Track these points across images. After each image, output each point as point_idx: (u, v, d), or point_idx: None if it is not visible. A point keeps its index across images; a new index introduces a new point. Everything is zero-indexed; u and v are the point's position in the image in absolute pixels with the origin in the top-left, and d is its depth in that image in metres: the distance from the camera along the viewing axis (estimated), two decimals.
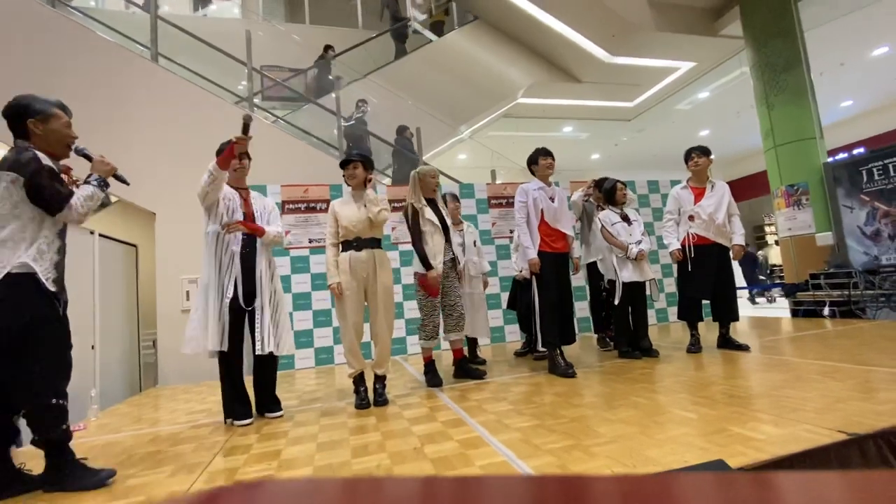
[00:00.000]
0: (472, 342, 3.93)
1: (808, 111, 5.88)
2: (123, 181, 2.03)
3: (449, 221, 3.20)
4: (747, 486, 0.26)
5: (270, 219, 2.75)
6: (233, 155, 2.44)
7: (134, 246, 4.92)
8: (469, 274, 3.74)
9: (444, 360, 4.01)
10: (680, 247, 3.49)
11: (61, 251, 1.82)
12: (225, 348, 2.48)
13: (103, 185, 1.89)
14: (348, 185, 2.83)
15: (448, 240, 3.12)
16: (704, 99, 9.67)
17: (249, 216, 2.64)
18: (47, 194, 1.72)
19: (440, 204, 3.20)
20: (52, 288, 1.73)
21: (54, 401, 1.69)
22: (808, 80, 5.97)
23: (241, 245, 2.55)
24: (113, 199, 2.27)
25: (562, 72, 8.70)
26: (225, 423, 2.59)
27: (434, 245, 3.01)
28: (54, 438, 1.72)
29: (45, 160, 1.76)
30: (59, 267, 1.80)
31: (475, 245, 3.93)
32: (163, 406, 3.31)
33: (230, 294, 2.49)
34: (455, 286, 3.17)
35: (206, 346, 2.45)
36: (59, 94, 2.01)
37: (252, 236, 2.60)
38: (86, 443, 2.38)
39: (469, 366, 3.27)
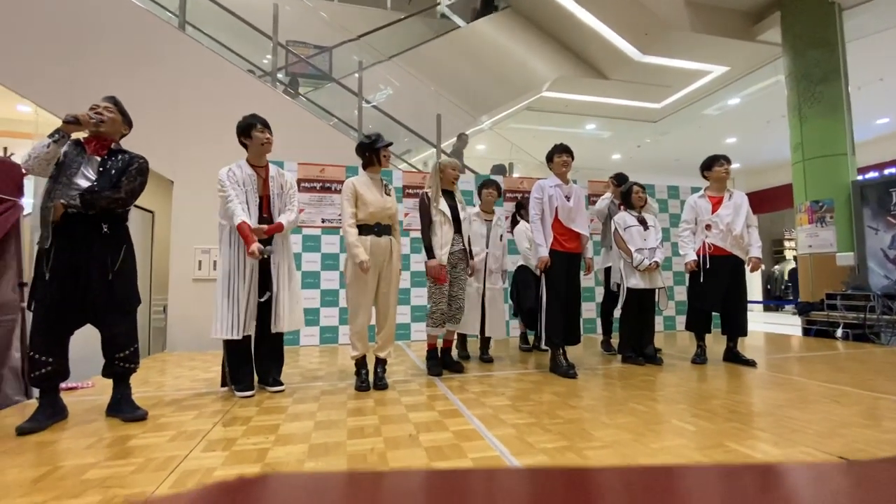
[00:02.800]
0: (486, 339, 3.73)
1: (842, 126, 5.69)
2: (68, 121, 2.07)
3: (463, 214, 3.18)
4: (743, 478, 0.26)
5: (287, 199, 2.74)
6: (245, 241, 2.45)
7: (151, 212, 5.00)
8: (489, 268, 3.61)
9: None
10: (696, 258, 3.41)
11: (43, 204, 2.01)
12: (251, 333, 2.56)
13: (53, 133, 2.03)
14: (380, 165, 2.82)
15: (459, 231, 3.12)
16: (734, 105, 9.41)
17: (266, 198, 2.65)
18: None
19: (458, 197, 3.21)
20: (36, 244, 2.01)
21: (30, 353, 2.01)
22: (846, 93, 5.76)
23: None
24: None
25: (590, 67, 8.52)
26: (224, 387, 2.66)
27: (442, 235, 3.00)
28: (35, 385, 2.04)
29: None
30: (39, 219, 2.01)
31: (500, 239, 3.72)
32: (169, 371, 3.39)
33: (255, 281, 2.55)
34: (461, 279, 3.16)
35: (230, 332, 2.49)
36: (84, 53, 2.07)
37: (268, 222, 2.62)
38: (93, 400, 2.45)
39: (450, 359, 3.25)
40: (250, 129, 2.62)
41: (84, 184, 2.06)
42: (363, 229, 2.71)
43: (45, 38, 4.39)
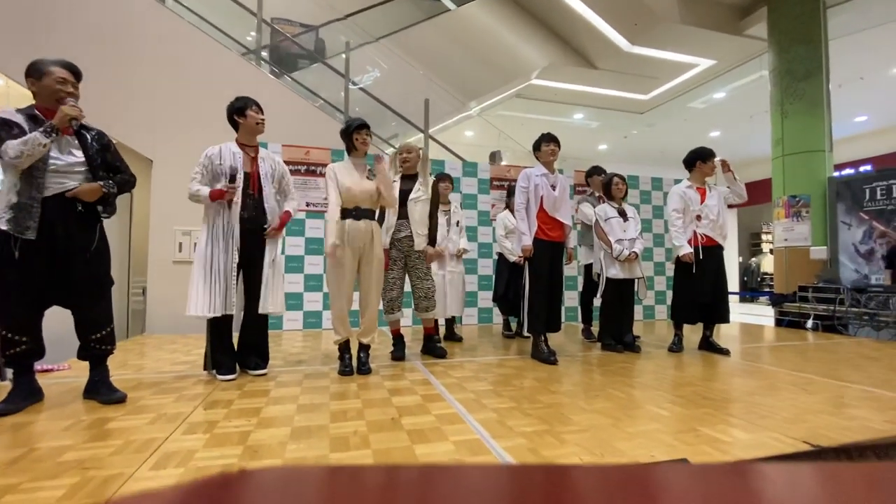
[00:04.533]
0: (450, 320, 4.06)
1: (822, 123, 5.81)
2: (71, 122, 2.00)
3: (416, 196, 3.10)
4: (711, 478, 0.27)
5: (283, 186, 2.76)
6: (221, 198, 2.49)
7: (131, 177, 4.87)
8: (449, 253, 3.85)
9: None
10: (691, 250, 3.40)
11: (23, 193, 1.91)
12: (232, 312, 2.52)
13: (48, 130, 1.92)
14: (356, 149, 2.78)
15: (405, 216, 3.07)
16: (720, 99, 9.52)
17: (254, 176, 2.61)
18: None
19: (423, 181, 3.15)
20: (2, 227, 1.89)
21: (2, 332, 1.95)
22: (826, 90, 5.88)
23: (242, 211, 2.55)
24: (112, 140, 2.26)
25: (579, 56, 8.50)
26: (205, 371, 2.64)
27: (386, 220, 3.04)
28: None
29: (5, 114, 1.92)
30: (16, 208, 1.90)
31: (457, 225, 3.98)
32: (148, 354, 3.34)
33: (236, 259, 2.52)
34: (416, 266, 3.11)
35: (208, 310, 2.47)
36: (59, 26, 1.98)
37: (257, 200, 2.60)
38: (70, 382, 2.41)
39: (434, 344, 3.28)
40: (245, 110, 2.60)
41: (75, 165, 2.02)
42: (343, 213, 2.70)
43: (19, 9, 4.18)
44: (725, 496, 0.25)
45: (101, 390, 2.11)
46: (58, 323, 2.20)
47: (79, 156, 2.06)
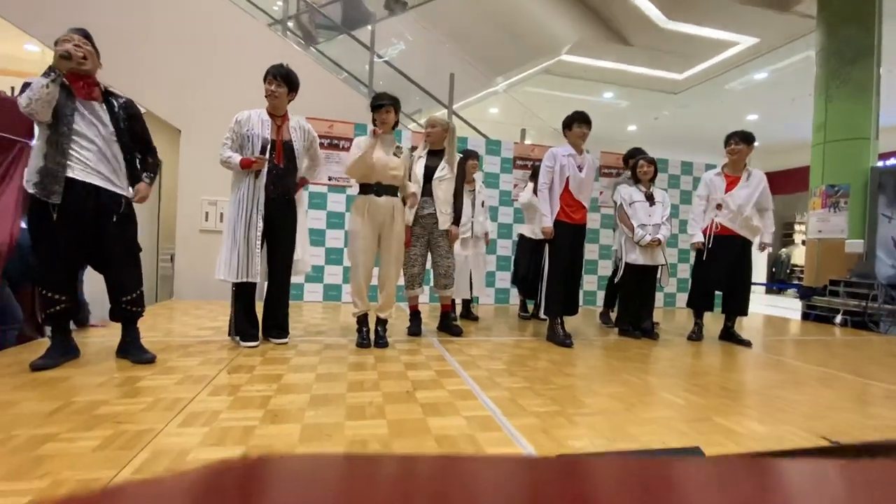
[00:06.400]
0: (467, 300, 4.05)
1: (869, 109, 5.48)
2: (63, 56, 2.00)
3: (441, 174, 3.10)
4: (722, 470, 0.27)
5: (311, 154, 2.83)
6: (250, 167, 2.54)
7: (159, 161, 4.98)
8: (474, 234, 3.81)
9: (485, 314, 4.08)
10: (703, 238, 3.38)
11: (49, 157, 1.97)
12: (255, 280, 2.59)
13: (47, 72, 1.95)
14: (376, 127, 2.77)
15: (429, 194, 3.07)
16: (760, 80, 9.04)
17: (279, 144, 2.64)
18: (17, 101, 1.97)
19: (448, 157, 3.12)
20: (30, 190, 1.97)
21: (42, 291, 2.06)
22: (876, 74, 5.52)
23: (267, 180, 2.59)
24: (142, 109, 2.31)
25: (612, 31, 8.16)
26: (229, 337, 2.74)
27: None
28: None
29: (31, 79, 1.96)
30: (42, 171, 1.96)
31: (482, 206, 3.93)
32: (176, 318, 3.48)
33: (260, 228, 2.57)
34: (439, 244, 3.13)
35: (232, 275, 2.56)
36: (94, 2, 1.99)
37: (283, 170, 2.64)
38: (103, 342, 2.54)
39: (450, 322, 3.31)
40: (264, 80, 2.61)
41: (102, 131, 2.08)
42: (364, 188, 2.74)
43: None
44: (740, 490, 0.25)
45: (132, 351, 2.22)
46: (91, 283, 2.30)
47: (106, 122, 2.11)
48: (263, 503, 0.22)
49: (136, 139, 2.23)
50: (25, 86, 1.95)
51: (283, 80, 2.61)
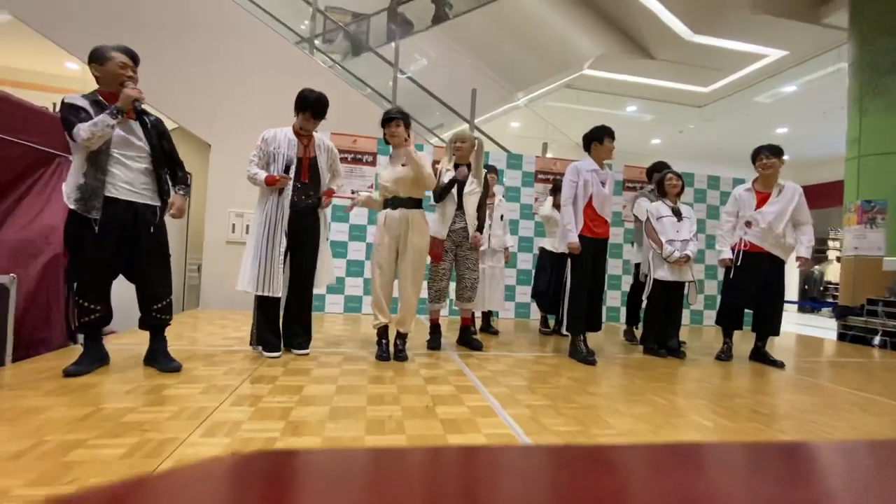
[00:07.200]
0: (487, 313, 4.05)
1: None
2: (133, 103, 2.13)
3: (469, 188, 3.12)
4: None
5: (333, 167, 2.89)
6: (275, 185, 2.61)
7: (188, 174, 5.15)
8: (492, 247, 3.81)
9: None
10: (731, 255, 3.30)
11: (88, 174, 2.05)
12: (277, 295, 2.64)
13: (114, 112, 2.03)
14: (388, 143, 2.84)
15: (461, 207, 3.10)
16: (789, 93, 8.84)
17: (305, 161, 2.70)
18: (64, 125, 2.03)
19: (475, 172, 3.15)
20: (71, 206, 2.04)
21: (78, 300, 2.12)
22: None
23: (293, 197, 2.65)
24: (172, 125, 2.41)
25: (635, 45, 8.12)
26: (251, 347, 2.78)
27: (445, 212, 3.07)
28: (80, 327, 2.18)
29: (73, 99, 2.04)
30: (83, 188, 2.04)
31: (501, 219, 3.93)
32: (201, 328, 3.55)
33: (284, 244, 2.63)
34: (467, 256, 3.17)
35: (254, 287, 2.61)
36: (127, 16, 2.09)
37: (308, 186, 2.70)
38: (132, 349, 2.60)
39: (470, 336, 3.29)
40: (299, 112, 2.68)
41: (138, 149, 2.17)
42: (384, 202, 2.83)
43: (90, 4, 4.48)
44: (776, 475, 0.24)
45: (159, 359, 2.27)
46: (119, 293, 2.37)
47: (142, 139, 2.19)
48: (276, 495, 0.21)
49: (165, 155, 2.32)
50: (64, 104, 2.04)
51: (320, 117, 2.71)
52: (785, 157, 3.29)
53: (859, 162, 5.52)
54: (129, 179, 2.14)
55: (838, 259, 8.22)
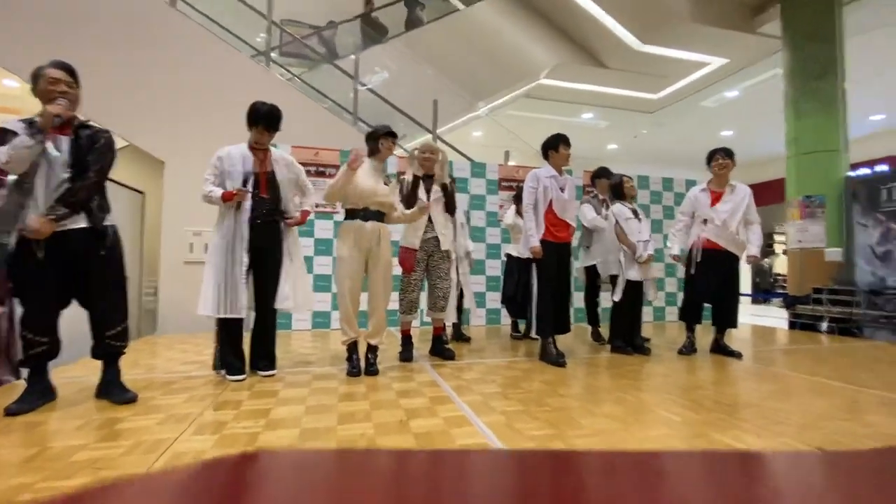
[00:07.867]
0: (457, 322, 4.00)
1: (836, 122, 5.70)
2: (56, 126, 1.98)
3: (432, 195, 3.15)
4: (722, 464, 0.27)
5: (300, 186, 2.80)
6: (232, 200, 2.51)
7: (141, 193, 4.93)
8: (458, 255, 3.76)
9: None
10: (678, 252, 3.51)
11: (11, 198, 1.95)
12: (241, 315, 2.55)
13: (32, 132, 1.90)
14: (380, 153, 2.82)
15: (430, 219, 3.12)
16: (732, 98, 9.39)
17: (263, 175, 2.62)
18: None
19: (439, 182, 3.18)
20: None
21: (24, 333, 2.00)
22: (841, 89, 5.77)
23: (252, 213, 2.56)
24: (123, 143, 2.28)
25: (588, 55, 8.44)
26: (214, 371, 2.67)
27: (416, 222, 3.06)
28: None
29: (6, 123, 1.92)
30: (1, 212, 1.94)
31: (462, 227, 3.91)
32: (160, 354, 3.38)
33: (245, 263, 2.53)
34: (438, 266, 3.17)
35: (216, 310, 2.50)
36: (73, 30, 1.99)
37: (268, 202, 2.61)
38: (82, 381, 2.44)
39: (442, 346, 3.28)
40: (252, 127, 2.62)
41: (63, 168, 1.99)
42: (351, 213, 2.75)
43: (34, 13, 4.25)
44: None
45: (112, 390, 2.14)
46: (69, 322, 2.23)
47: (64, 155, 2.00)
48: (257, 497, 0.21)
49: (84, 168, 2.04)
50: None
51: (273, 129, 2.64)
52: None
53: (798, 160, 5.91)
54: (52, 202, 1.96)
55: (785, 252, 8.73)
